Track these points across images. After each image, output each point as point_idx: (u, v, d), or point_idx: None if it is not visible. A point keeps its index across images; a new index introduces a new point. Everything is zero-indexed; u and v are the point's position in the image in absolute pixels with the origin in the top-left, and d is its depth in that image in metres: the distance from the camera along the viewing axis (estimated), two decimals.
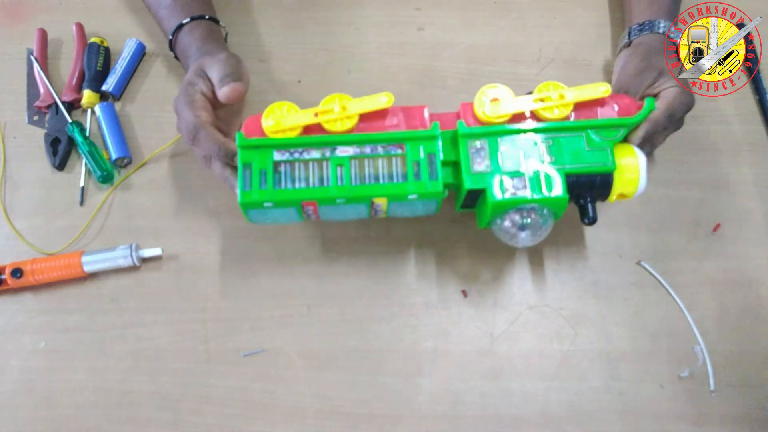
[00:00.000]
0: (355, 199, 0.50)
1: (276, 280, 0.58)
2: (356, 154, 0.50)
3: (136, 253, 0.58)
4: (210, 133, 0.52)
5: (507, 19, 0.70)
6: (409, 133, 0.51)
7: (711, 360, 0.55)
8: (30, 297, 0.58)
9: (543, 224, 0.50)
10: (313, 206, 0.50)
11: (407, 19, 0.70)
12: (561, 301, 0.57)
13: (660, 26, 0.58)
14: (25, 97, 0.66)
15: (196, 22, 0.60)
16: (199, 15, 0.60)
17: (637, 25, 0.60)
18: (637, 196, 0.53)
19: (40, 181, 0.62)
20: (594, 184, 0.51)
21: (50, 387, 0.55)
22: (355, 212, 0.52)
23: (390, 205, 0.51)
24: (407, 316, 0.57)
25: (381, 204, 0.51)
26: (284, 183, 0.50)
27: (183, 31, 0.60)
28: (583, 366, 0.55)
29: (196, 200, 0.61)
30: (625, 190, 0.52)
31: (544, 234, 0.51)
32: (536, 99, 0.51)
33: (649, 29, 0.59)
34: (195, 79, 0.55)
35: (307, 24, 0.70)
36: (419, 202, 0.51)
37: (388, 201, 0.50)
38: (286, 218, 0.53)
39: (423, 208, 0.52)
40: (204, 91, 0.55)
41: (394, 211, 0.53)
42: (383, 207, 0.51)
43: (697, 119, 0.64)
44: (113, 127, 0.63)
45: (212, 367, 0.55)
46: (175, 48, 0.62)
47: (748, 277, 0.58)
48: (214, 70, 0.54)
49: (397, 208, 0.52)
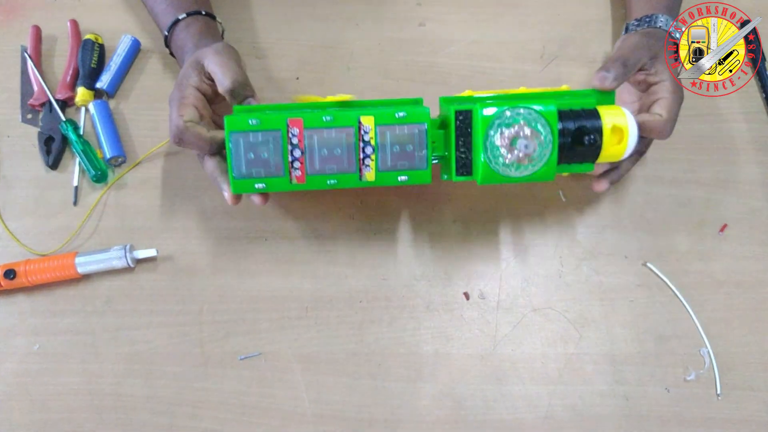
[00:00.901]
0: (342, 119, 0.49)
1: (273, 282, 0.57)
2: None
3: (130, 254, 0.57)
4: (195, 133, 0.51)
5: (510, 16, 0.69)
6: (396, 99, 0.53)
7: (717, 363, 0.54)
8: (23, 298, 0.57)
9: (537, 135, 0.48)
10: (299, 128, 0.49)
11: (408, 15, 0.69)
12: (565, 304, 0.56)
13: (660, 21, 0.58)
14: (18, 95, 0.65)
15: (193, 18, 0.59)
16: (196, 11, 0.59)
17: (636, 20, 0.59)
18: (631, 145, 0.50)
19: (34, 181, 0.61)
20: (580, 115, 0.50)
21: (44, 390, 0.54)
22: (345, 150, 0.50)
23: (378, 134, 0.49)
24: (408, 318, 0.56)
25: (368, 128, 0.49)
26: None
27: (179, 27, 0.59)
28: (588, 369, 0.54)
29: (191, 200, 0.60)
30: (617, 135, 0.50)
31: (540, 156, 0.48)
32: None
33: (648, 24, 0.58)
34: (189, 72, 0.54)
35: (305, 20, 0.69)
36: (409, 134, 0.49)
37: (375, 123, 0.49)
38: (272, 165, 0.50)
39: (415, 155, 0.50)
40: (197, 85, 0.53)
41: (385, 152, 0.50)
42: (371, 134, 0.49)
43: (704, 118, 0.63)
44: (107, 126, 0.62)
45: (208, 371, 0.54)
46: (171, 44, 0.60)
47: (756, 279, 0.57)
48: (213, 63, 0.53)
49: (387, 144, 0.50)
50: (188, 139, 0.51)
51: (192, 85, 0.53)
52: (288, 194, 0.60)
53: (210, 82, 0.54)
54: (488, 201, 0.60)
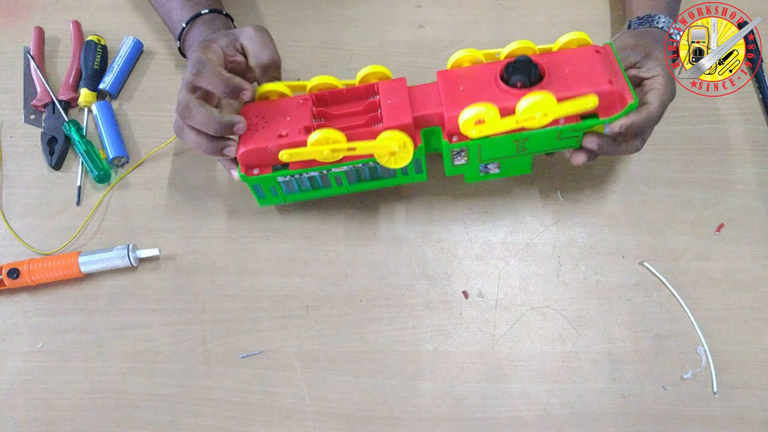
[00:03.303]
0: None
1: (274, 281, 0.58)
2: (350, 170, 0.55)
3: (133, 253, 0.57)
4: (215, 69, 0.51)
5: (508, 17, 0.69)
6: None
7: (714, 361, 0.54)
8: (27, 298, 0.58)
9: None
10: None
11: (408, 17, 0.69)
12: (563, 302, 0.56)
13: (660, 21, 0.58)
14: (21, 95, 0.66)
15: (215, 15, 0.60)
16: (217, 9, 0.60)
17: (637, 18, 0.59)
18: None
19: (37, 181, 0.62)
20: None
21: (47, 388, 0.54)
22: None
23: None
24: (407, 317, 0.56)
25: None
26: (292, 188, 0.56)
27: (200, 21, 0.59)
28: (586, 368, 0.54)
29: (193, 200, 0.61)
30: None
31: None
32: (521, 117, 0.49)
33: (648, 23, 0.58)
34: (220, 37, 0.54)
35: (306, 21, 0.69)
36: None
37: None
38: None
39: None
40: (224, 47, 0.54)
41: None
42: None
43: (701, 119, 0.63)
44: (110, 126, 0.63)
45: (210, 369, 0.55)
46: (187, 38, 0.60)
47: (752, 278, 0.57)
48: (251, 39, 0.54)
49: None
50: (207, 72, 0.50)
51: (220, 45, 0.54)
52: None
53: (235, 54, 0.54)
54: (487, 201, 0.60)
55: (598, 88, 0.49)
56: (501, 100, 0.50)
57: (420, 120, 0.52)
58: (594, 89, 0.49)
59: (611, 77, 0.50)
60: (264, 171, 0.53)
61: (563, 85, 0.50)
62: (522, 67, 0.50)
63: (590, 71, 0.51)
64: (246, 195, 0.61)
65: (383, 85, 0.54)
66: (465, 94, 0.51)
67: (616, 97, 0.50)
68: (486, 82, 0.52)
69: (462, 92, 0.52)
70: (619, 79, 0.51)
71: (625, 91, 0.50)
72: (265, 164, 0.53)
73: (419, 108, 0.52)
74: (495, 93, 0.51)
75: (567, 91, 0.50)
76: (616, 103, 0.51)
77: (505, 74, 0.51)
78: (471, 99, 0.50)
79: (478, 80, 0.52)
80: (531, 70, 0.50)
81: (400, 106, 0.52)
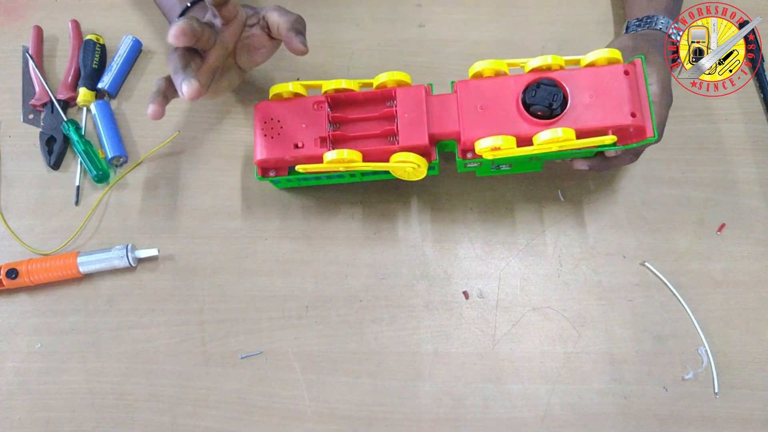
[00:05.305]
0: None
1: (274, 282, 0.57)
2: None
3: (131, 253, 0.57)
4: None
5: (509, 16, 0.69)
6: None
7: (715, 362, 0.54)
8: (25, 298, 0.57)
9: None
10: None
11: (408, 16, 0.69)
12: (564, 303, 0.56)
13: (659, 22, 0.58)
14: (20, 95, 0.65)
15: None
16: None
17: (636, 20, 0.59)
18: None
19: (35, 181, 0.62)
20: None
21: (46, 389, 0.54)
22: None
23: None
24: (407, 317, 0.56)
25: None
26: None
27: (197, 8, 0.57)
28: (586, 368, 0.54)
29: (192, 200, 0.61)
30: None
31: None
32: (540, 144, 0.49)
33: (647, 25, 0.58)
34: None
35: (306, 20, 0.69)
36: None
37: None
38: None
39: None
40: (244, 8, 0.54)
41: None
42: None
43: (702, 118, 0.63)
44: (109, 126, 0.62)
45: (209, 370, 0.54)
46: None
47: (753, 278, 0.57)
48: (275, 10, 0.54)
49: None
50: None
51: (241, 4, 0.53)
52: (289, 194, 0.60)
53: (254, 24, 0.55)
54: (487, 201, 0.60)
55: (620, 123, 0.49)
56: (519, 128, 0.50)
57: (436, 136, 0.53)
58: (616, 122, 0.49)
59: (635, 109, 0.49)
60: (280, 173, 0.55)
61: (584, 115, 0.49)
62: (544, 94, 0.50)
63: (615, 99, 0.49)
64: (246, 195, 0.60)
65: (401, 92, 0.53)
66: (483, 116, 0.51)
67: (635, 130, 0.50)
68: (506, 102, 0.51)
69: (480, 113, 0.51)
70: (643, 109, 0.49)
71: (647, 123, 0.49)
72: (281, 167, 0.55)
73: (436, 125, 0.52)
74: (514, 119, 0.50)
75: (587, 122, 0.49)
76: (634, 135, 0.50)
77: (526, 98, 0.50)
78: (489, 122, 0.50)
79: (498, 99, 0.51)
80: (554, 97, 0.50)
81: (417, 123, 0.52)
